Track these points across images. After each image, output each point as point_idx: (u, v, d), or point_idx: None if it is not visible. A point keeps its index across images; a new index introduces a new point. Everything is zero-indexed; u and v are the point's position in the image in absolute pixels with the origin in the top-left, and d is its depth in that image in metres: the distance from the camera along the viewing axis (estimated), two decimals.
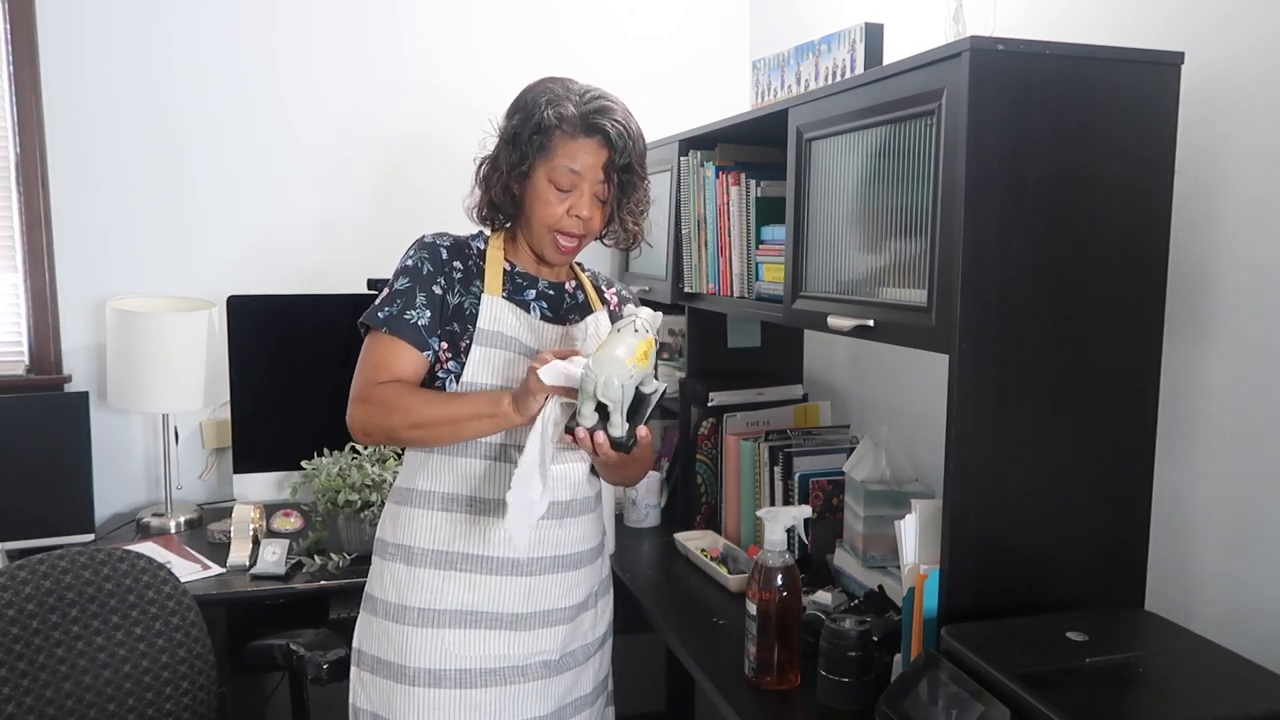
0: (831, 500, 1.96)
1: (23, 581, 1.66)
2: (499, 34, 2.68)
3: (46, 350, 2.43)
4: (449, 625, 1.49)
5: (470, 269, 1.54)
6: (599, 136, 1.47)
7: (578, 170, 1.47)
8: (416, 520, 1.52)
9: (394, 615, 1.51)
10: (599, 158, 1.48)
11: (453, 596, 1.49)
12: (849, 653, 1.39)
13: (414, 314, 1.48)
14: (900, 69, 1.33)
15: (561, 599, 1.55)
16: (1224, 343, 1.36)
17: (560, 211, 1.49)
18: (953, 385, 1.25)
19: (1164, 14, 1.43)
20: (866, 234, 1.46)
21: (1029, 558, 1.30)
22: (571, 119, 1.46)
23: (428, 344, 1.49)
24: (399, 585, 1.51)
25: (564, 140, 1.47)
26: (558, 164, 1.47)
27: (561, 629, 1.56)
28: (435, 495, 1.51)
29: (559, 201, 1.49)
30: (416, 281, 1.50)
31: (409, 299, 1.49)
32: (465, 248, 1.57)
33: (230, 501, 2.38)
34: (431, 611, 1.49)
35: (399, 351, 1.47)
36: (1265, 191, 1.29)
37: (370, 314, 1.50)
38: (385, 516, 1.58)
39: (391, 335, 1.47)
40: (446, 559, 1.50)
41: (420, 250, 1.53)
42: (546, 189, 1.49)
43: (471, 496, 1.50)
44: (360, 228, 2.64)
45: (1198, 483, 1.40)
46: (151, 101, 2.47)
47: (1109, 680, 1.11)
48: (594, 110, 1.47)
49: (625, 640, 1.72)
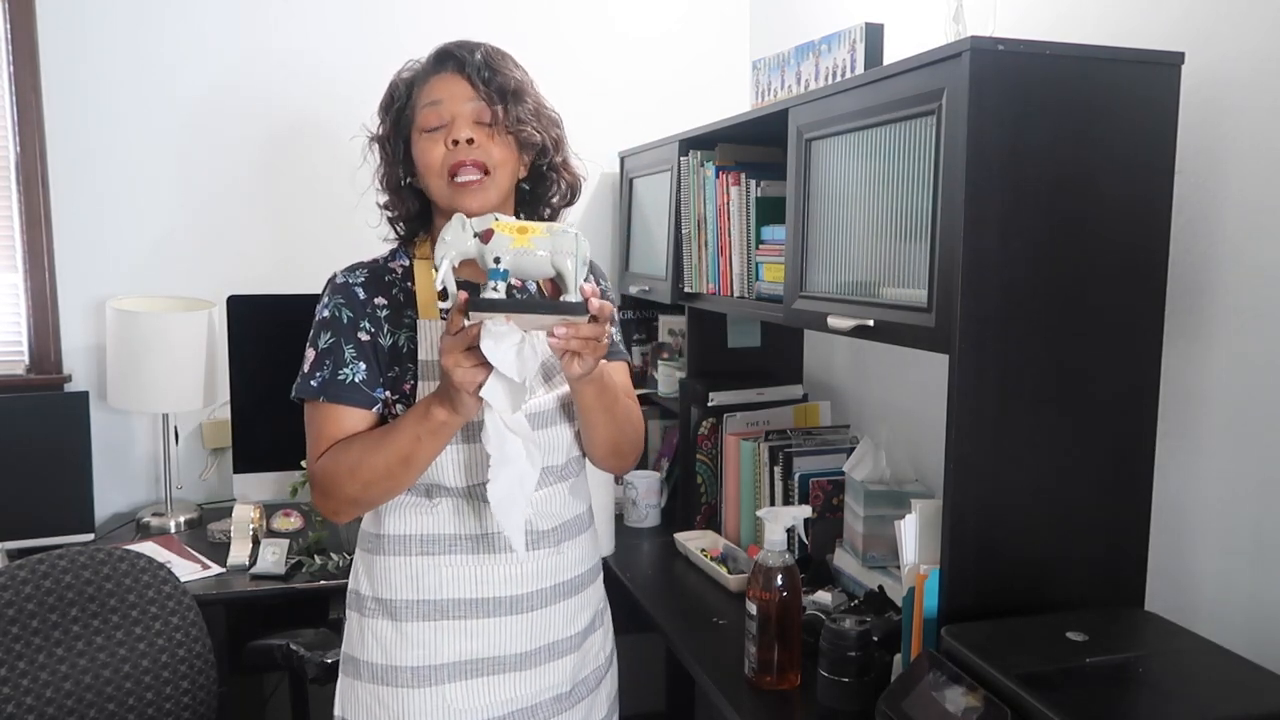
0: (831, 500, 1.95)
1: (23, 581, 1.66)
2: (499, 34, 2.67)
3: (46, 350, 2.44)
4: (448, 680, 1.34)
5: (397, 298, 1.37)
6: (450, 63, 1.34)
7: (438, 100, 1.33)
8: (394, 570, 1.35)
9: (383, 678, 1.35)
10: (459, 82, 1.33)
11: (449, 648, 1.34)
12: (849, 653, 1.39)
13: (347, 372, 1.32)
14: (900, 69, 1.33)
15: (566, 627, 1.42)
16: (1224, 343, 1.36)
17: (440, 150, 1.32)
18: (953, 385, 1.25)
19: (1164, 14, 1.43)
20: (866, 234, 1.46)
21: (1029, 558, 1.30)
22: (420, 69, 1.37)
23: (373, 398, 1.33)
24: (385, 644, 1.35)
25: (419, 89, 1.35)
26: (419, 110, 1.34)
27: (569, 659, 1.43)
28: (410, 539, 1.35)
29: (434, 142, 1.32)
30: (339, 334, 1.33)
31: (337, 357, 1.32)
32: (385, 274, 1.39)
33: (230, 501, 2.38)
34: (427, 669, 1.34)
35: (341, 418, 1.32)
36: (1266, 192, 1.29)
37: (302, 385, 1.34)
38: (357, 567, 1.42)
39: (329, 403, 1.32)
40: (437, 608, 1.34)
41: (334, 296, 1.36)
42: (421, 140, 1.34)
43: (454, 535, 1.35)
44: (361, 227, 2.63)
45: (1198, 483, 1.40)
46: (151, 101, 2.47)
47: (1109, 680, 1.11)
48: (439, 52, 1.37)
49: (625, 640, 1.72)
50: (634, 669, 2.49)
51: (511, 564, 1.36)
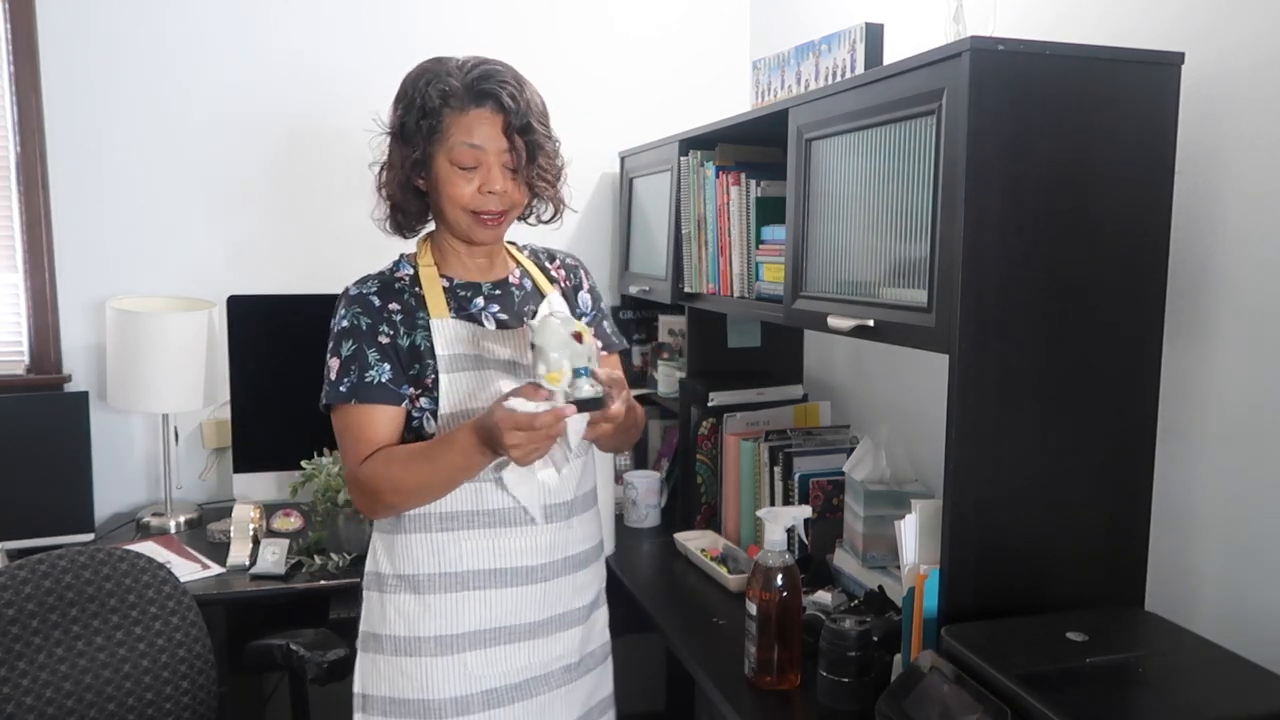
0: (831, 500, 1.95)
1: (23, 581, 1.66)
2: (499, 35, 2.68)
3: (46, 350, 2.44)
4: (469, 648, 1.43)
5: (408, 303, 1.46)
6: (490, 103, 1.38)
7: (477, 144, 1.38)
8: (416, 545, 1.44)
9: (406, 649, 1.43)
10: (495, 125, 1.39)
11: (470, 617, 1.43)
12: (849, 653, 1.39)
13: (373, 374, 1.41)
14: (900, 69, 1.33)
15: (575, 599, 1.52)
16: (1224, 342, 1.36)
17: (470, 191, 1.40)
18: (953, 385, 1.25)
19: (1164, 14, 1.43)
20: (866, 234, 1.46)
21: (1029, 558, 1.30)
22: (457, 92, 1.38)
23: (400, 395, 1.42)
24: (408, 617, 1.44)
25: (454, 116, 1.38)
26: (454, 142, 1.39)
27: (578, 630, 1.53)
28: (432, 516, 1.43)
29: (466, 181, 1.40)
30: (360, 339, 1.42)
31: (361, 361, 1.41)
32: (394, 283, 1.48)
33: (230, 501, 2.37)
34: (449, 637, 1.43)
35: (374, 417, 1.41)
36: (1266, 192, 1.29)
37: (331, 392, 1.42)
38: (375, 549, 1.49)
39: (361, 404, 1.40)
40: (459, 580, 1.43)
41: (351, 306, 1.45)
42: (450, 171, 1.40)
43: (473, 511, 1.43)
44: (362, 227, 2.63)
45: (1198, 482, 1.40)
46: (151, 100, 2.47)
47: (1109, 680, 1.11)
48: (478, 77, 1.39)
49: (625, 640, 1.72)
50: (634, 669, 2.49)
51: (527, 536, 1.46)
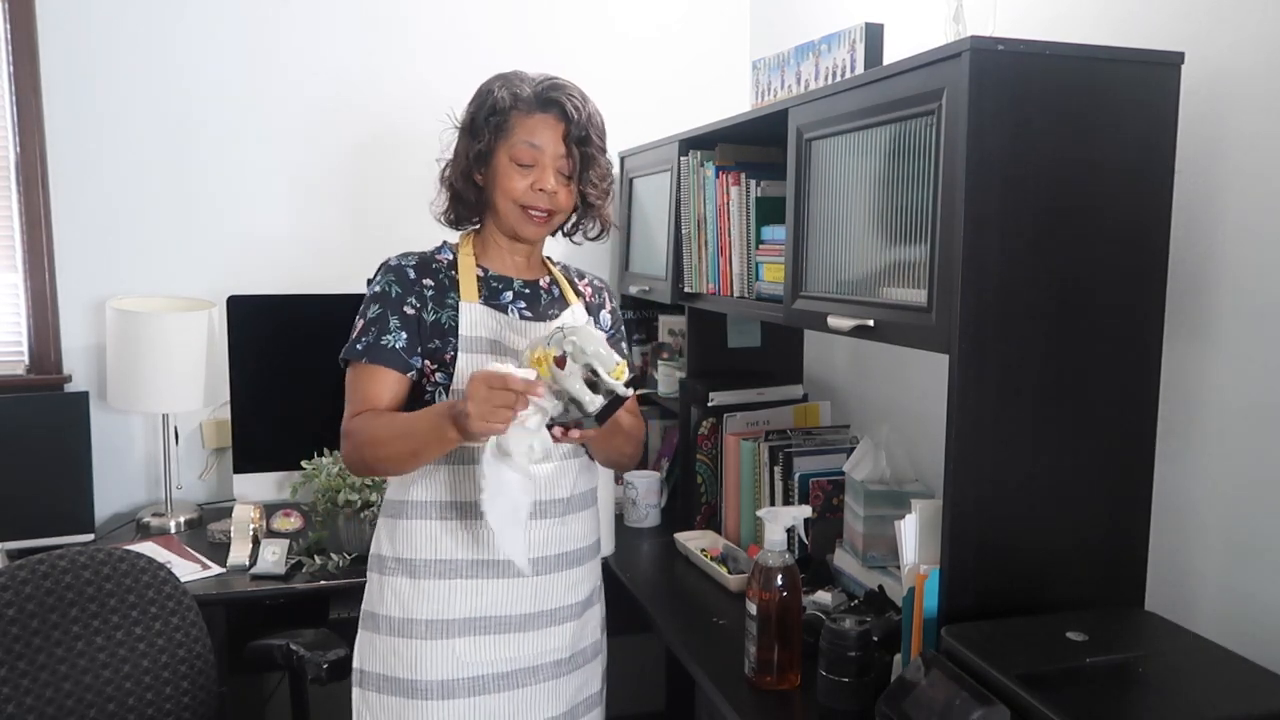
0: (831, 500, 1.96)
1: (23, 581, 1.66)
2: (499, 35, 2.68)
3: (46, 350, 2.44)
4: (458, 634, 1.49)
5: (442, 282, 1.54)
6: (555, 110, 1.51)
7: (537, 145, 1.50)
8: (415, 532, 1.51)
9: (400, 630, 1.50)
10: (557, 131, 1.51)
11: (460, 605, 1.50)
12: (849, 653, 1.39)
13: (390, 338, 1.49)
14: (900, 69, 1.33)
15: (567, 595, 1.57)
16: (1224, 342, 1.36)
17: (524, 186, 1.50)
18: (953, 385, 1.25)
19: (1164, 13, 1.43)
20: (866, 234, 1.46)
21: (1029, 558, 1.30)
22: (527, 98, 1.51)
23: (408, 364, 1.50)
24: (403, 599, 1.51)
25: (521, 118, 1.50)
26: (517, 140, 1.50)
27: (569, 626, 1.57)
28: (430, 505, 1.51)
29: (521, 177, 1.51)
30: (387, 306, 1.51)
31: (382, 325, 1.50)
32: (432, 263, 1.57)
33: (230, 501, 2.38)
34: (440, 622, 1.49)
35: (379, 378, 1.48)
36: (1266, 192, 1.29)
37: (349, 348, 1.51)
38: (380, 531, 1.57)
39: (371, 364, 1.49)
40: (450, 568, 1.50)
41: (387, 275, 1.54)
42: (508, 166, 1.51)
43: (467, 503, 1.49)
44: (362, 228, 2.64)
45: (1198, 483, 1.40)
46: (151, 101, 2.47)
47: (1109, 680, 1.11)
48: (548, 87, 1.52)
49: (625, 640, 1.72)
50: (634, 669, 2.49)
51: None
